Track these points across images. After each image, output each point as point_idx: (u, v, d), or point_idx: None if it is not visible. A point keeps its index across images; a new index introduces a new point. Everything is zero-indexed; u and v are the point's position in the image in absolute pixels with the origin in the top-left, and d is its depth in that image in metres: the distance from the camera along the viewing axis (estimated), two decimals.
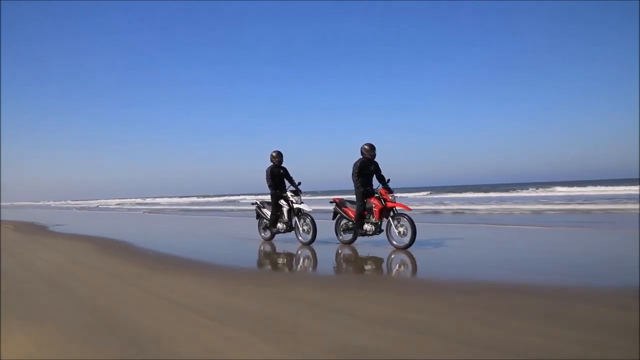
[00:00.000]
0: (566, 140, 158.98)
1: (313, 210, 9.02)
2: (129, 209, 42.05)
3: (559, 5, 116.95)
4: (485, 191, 42.22)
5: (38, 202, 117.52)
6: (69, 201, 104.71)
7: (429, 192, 52.17)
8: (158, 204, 58.67)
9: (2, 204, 56.70)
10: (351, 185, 8.30)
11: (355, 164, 8.19)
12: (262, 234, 9.84)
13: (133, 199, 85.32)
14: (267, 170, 9.33)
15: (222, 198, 66.90)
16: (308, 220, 8.80)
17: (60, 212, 41.20)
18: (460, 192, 46.14)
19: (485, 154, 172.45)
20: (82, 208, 53.71)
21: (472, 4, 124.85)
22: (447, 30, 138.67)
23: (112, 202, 75.86)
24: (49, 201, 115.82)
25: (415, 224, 7.34)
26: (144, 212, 33.85)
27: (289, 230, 9.19)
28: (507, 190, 42.83)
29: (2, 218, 23.69)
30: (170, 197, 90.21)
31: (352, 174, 8.17)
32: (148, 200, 77.07)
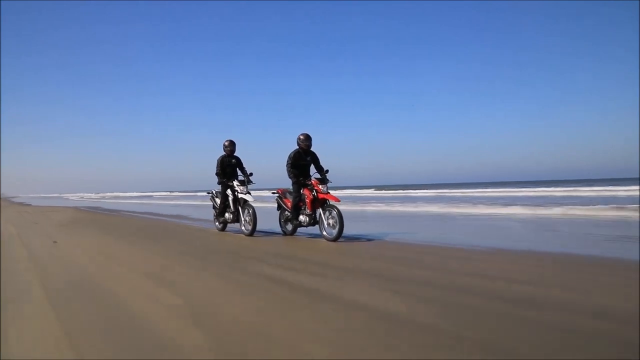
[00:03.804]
0: (560, 139, 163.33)
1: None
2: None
3: (559, 4, 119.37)
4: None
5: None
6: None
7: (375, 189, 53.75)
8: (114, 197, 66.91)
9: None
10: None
11: (289, 154, 7.98)
12: (215, 224, 9.67)
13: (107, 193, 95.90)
14: (218, 159, 9.10)
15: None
16: (250, 211, 8.52)
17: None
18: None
19: (483, 152, 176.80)
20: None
21: (473, 4, 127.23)
22: (446, 28, 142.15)
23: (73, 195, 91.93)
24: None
25: (343, 216, 7.19)
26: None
27: (236, 221, 8.94)
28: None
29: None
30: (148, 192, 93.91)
31: (286, 164, 7.94)
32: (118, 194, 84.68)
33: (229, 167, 9.07)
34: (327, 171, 7.94)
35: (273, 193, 8.95)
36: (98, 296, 3.72)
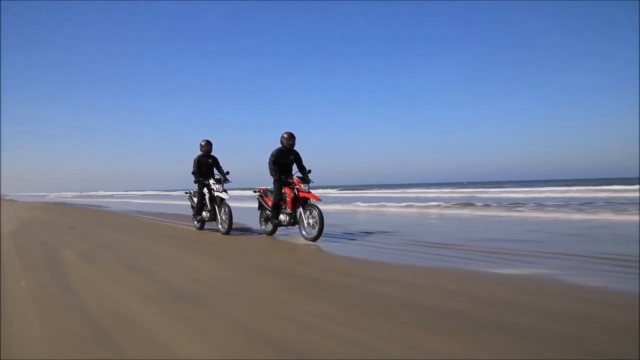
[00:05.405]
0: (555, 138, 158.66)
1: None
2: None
3: (559, 4, 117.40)
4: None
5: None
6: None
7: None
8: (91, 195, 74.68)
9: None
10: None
11: (272, 152, 7.93)
12: (194, 222, 9.68)
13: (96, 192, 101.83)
14: (194, 159, 9.20)
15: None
16: (226, 209, 8.60)
17: None
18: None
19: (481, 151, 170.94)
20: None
21: (473, 4, 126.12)
22: (446, 28, 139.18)
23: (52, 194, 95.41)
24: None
25: (324, 216, 7.07)
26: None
27: (214, 219, 8.99)
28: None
29: None
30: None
31: (268, 162, 7.89)
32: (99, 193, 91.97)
33: (206, 167, 9.20)
34: (309, 171, 7.87)
35: (254, 192, 8.86)
36: (20, 217, 16.20)
